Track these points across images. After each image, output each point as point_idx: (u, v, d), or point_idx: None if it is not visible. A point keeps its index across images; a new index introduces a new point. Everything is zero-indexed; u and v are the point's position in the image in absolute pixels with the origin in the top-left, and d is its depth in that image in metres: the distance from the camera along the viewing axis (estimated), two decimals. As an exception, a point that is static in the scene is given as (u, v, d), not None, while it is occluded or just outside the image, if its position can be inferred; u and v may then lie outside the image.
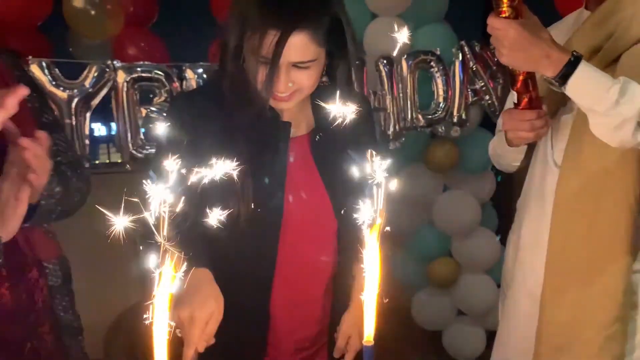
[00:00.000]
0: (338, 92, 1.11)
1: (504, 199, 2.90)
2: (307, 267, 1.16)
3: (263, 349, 1.16)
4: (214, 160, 1.04)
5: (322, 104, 1.14)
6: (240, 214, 1.04)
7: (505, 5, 1.06)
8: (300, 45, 0.97)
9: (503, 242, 2.70)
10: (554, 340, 1.29)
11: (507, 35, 1.07)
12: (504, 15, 1.07)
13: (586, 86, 1.10)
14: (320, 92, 1.10)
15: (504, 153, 1.42)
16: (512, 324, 1.45)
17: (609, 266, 1.23)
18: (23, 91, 0.81)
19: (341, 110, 1.13)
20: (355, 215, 1.13)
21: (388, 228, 0.83)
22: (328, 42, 1.01)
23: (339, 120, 1.11)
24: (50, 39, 2.34)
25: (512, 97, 1.23)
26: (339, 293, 1.20)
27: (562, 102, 1.31)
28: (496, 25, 1.08)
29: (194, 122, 1.05)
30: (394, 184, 0.83)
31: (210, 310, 0.98)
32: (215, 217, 1.02)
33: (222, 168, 1.04)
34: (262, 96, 1.00)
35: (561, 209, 1.28)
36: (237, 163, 1.03)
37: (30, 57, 1.77)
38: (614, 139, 1.13)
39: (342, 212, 1.13)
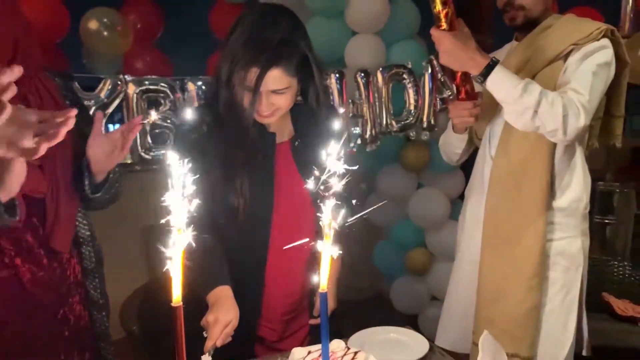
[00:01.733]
0: (310, 108, 1.43)
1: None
2: (292, 247, 1.45)
3: (258, 310, 1.45)
4: (218, 168, 1.35)
5: (299, 117, 1.47)
6: (240, 208, 1.35)
7: (442, 20, 1.43)
8: (276, 77, 1.27)
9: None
10: (490, 293, 1.63)
11: (443, 43, 1.43)
12: (442, 28, 1.44)
13: (500, 82, 1.44)
14: (297, 108, 1.42)
15: (449, 140, 1.82)
16: (458, 286, 1.78)
17: (529, 233, 1.59)
18: (74, 112, 0.90)
19: (313, 121, 1.44)
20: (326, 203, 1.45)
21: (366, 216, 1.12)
22: (298, 73, 1.32)
23: (312, 129, 1.42)
24: (67, 53, 2.62)
25: (453, 90, 1.58)
26: (318, 266, 1.51)
27: (496, 111, 1.67)
28: (435, 35, 1.45)
29: (200, 137, 1.35)
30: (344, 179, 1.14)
31: (230, 317, 1.29)
32: (222, 210, 1.34)
33: (225, 172, 1.35)
34: (247, 116, 1.31)
35: (493, 189, 1.66)
36: (236, 168, 1.34)
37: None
38: (518, 122, 1.49)
39: (318, 201, 1.44)
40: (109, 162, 1.30)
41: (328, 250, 1.08)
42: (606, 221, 3.22)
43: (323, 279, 1.09)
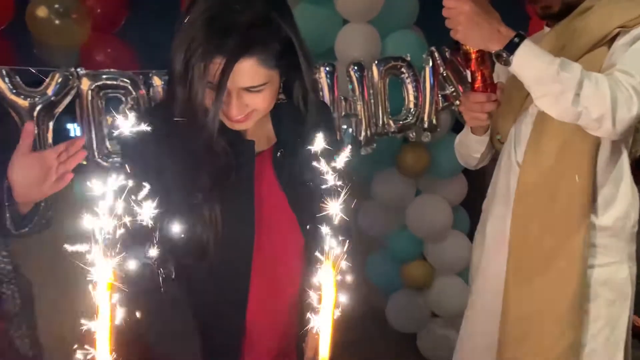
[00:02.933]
0: (295, 108, 1.12)
1: (475, 202, 2.94)
2: (277, 283, 1.16)
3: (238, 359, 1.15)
4: (179, 192, 1.04)
5: (282, 120, 1.15)
6: (210, 243, 1.03)
7: None
8: (248, 71, 0.95)
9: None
10: (517, 330, 1.37)
11: (462, 11, 1.15)
12: None
13: (530, 59, 1.18)
14: (279, 108, 1.10)
15: (466, 142, 1.54)
16: (476, 318, 1.51)
17: (565, 257, 1.34)
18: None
19: (300, 125, 1.14)
20: (320, 230, 1.14)
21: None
22: (280, 64, 0.99)
23: (299, 136, 1.12)
24: (15, 42, 2.28)
25: (468, 77, 1.31)
26: (306, 305, 1.21)
27: (522, 108, 1.41)
28: (451, 4, 1.16)
29: (150, 150, 1.03)
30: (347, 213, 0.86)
31: None
32: (184, 246, 1.03)
33: (188, 197, 1.04)
34: (210, 121, 0.98)
35: (521, 203, 1.39)
36: (202, 191, 1.03)
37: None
38: (555, 108, 1.22)
39: (308, 227, 1.13)
40: (37, 192, 1.05)
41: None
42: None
43: (324, 349, 0.80)
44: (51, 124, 1.78)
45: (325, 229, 1.16)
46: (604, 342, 1.33)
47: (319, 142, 1.21)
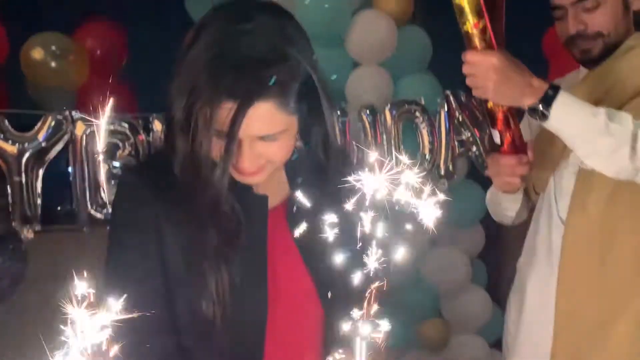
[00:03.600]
0: (313, 156, 0.98)
1: (492, 254, 2.78)
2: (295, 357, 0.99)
3: None
4: (180, 259, 0.89)
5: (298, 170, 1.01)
6: (217, 319, 0.86)
7: (477, 39, 1.05)
8: (264, 117, 0.81)
9: (493, 299, 2.58)
10: None
11: (490, 65, 1.05)
12: (476, 46, 1.06)
13: (571, 111, 1.09)
14: (294, 156, 0.95)
15: (497, 200, 1.40)
16: None
17: (623, 328, 1.20)
18: None
19: (319, 175, 0.99)
20: (342, 300, 0.97)
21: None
22: (299, 107, 0.85)
23: (318, 189, 0.97)
24: (9, 83, 2.17)
25: (495, 137, 1.19)
26: None
27: (562, 156, 1.29)
28: (475, 58, 1.06)
29: (148, 208, 0.88)
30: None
31: None
32: (186, 325, 0.87)
33: (190, 265, 0.88)
34: (218, 177, 0.83)
35: (568, 265, 1.26)
36: (208, 257, 0.87)
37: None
38: (609, 167, 1.12)
39: (328, 296, 0.97)
40: None
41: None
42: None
43: None
44: (41, 172, 1.63)
45: (348, 301, 1.02)
46: None
47: (343, 196, 1.07)
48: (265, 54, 0.80)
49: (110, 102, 1.83)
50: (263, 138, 0.84)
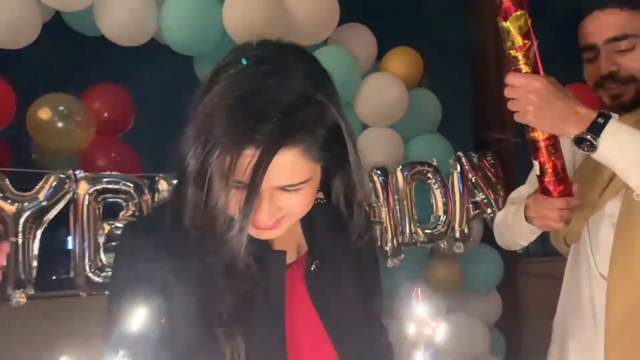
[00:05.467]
0: (334, 209, 0.90)
1: (508, 322, 2.63)
2: None
3: None
4: (192, 322, 0.79)
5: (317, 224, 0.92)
6: None
7: (522, 61, 0.99)
8: (288, 165, 0.74)
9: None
10: None
11: (533, 89, 0.98)
12: (520, 68, 1.00)
13: (623, 139, 0.99)
14: (313, 209, 0.87)
15: (516, 227, 1.24)
16: None
17: None
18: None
19: (339, 231, 0.91)
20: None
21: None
22: (324, 155, 0.77)
23: (338, 246, 0.89)
24: (13, 144, 2.13)
25: (535, 170, 1.07)
26: None
27: (597, 207, 1.19)
28: (518, 81, 0.99)
29: (154, 267, 0.79)
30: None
31: None
32: None
33: (204, 329, 0.78)
34: (236, 234, 0.75)
35: (615, 326, 1.13)
36: (223, 321, 0.78)
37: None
38: None
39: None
40: None
41: None
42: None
43: None
44: (39, 233, 1.55)
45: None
46: None
47: (365, 255, 0.99)
48: (291, 97, 0.73)
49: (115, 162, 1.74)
50: (284, 188, 0.76)
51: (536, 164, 1.06)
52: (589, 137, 0.98)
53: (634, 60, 1.14)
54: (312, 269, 0.89)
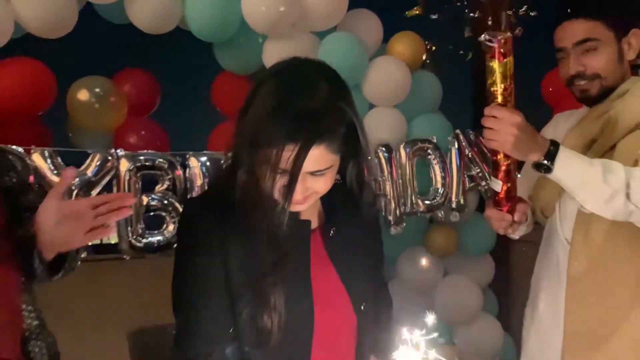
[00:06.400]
0: (346, 188, 1.13)
1: (501, 284, 2.88)
2: None
3: None
4: (239, 275, 1.03)
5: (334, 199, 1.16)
6: (273, 326, 1.00)
7: (501, 100, 1.17)
8: (317, 157, 0.97)
9: (504, 328, 2.65)
10: None
11: (515, 123, 1.15)
12: (502, 104, 1.17)
13: (572, 163, 1.20)
14: (331, 187, 1.10)
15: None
16: None
17: (626, 340, 1.31)
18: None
19: (352, 205, 1.14)
20: (372, 312, 1.11)
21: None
22: (343, 148, 1.01)
23: (351, 215, 1.12)
24: (50, 125, 2.33)
25: (495, 186, 1.29)
26: None
27: None
28: (502, 114, 1.16)
29: (213, 231, 1.03)
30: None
31: None
32: (247, 332, 1.00)
33: (251, 282, 1.02)
34: (281, 208, 0.99)
35: (575, 282, 1.37)
36: (266, 275, 1.02)
37: (33, 146, 1.76)
38: (607, 211, 1.23)
39: (362, 307, 1.11)
40: (60, 243, 0.99)
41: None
42: None
43: None
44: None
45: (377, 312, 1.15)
46: None
47: (372, 223, 1.22)
48: (320, 104, 0.97)
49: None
50: (313, 174, 1.00)
51: (497, 182, 1.27)
52: (546, 162, 1.18)
53: (596, 60, 1.35)
54: (330, 234, 1.13)
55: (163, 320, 1.76)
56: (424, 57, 2.49)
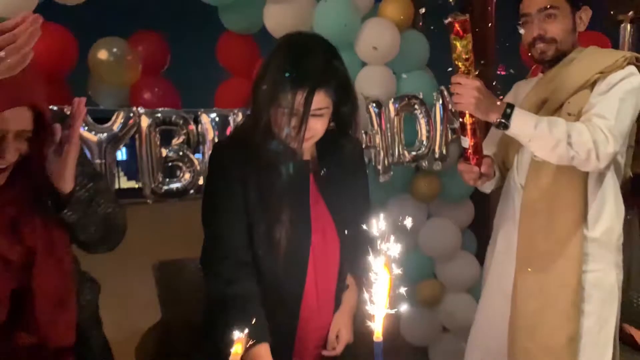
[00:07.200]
0: (336, 136, 1.41)
1: (481, 225, 3.17)
2: (324, 277, 1.45)
3: (292, 346, 1.42)
4: (256, 197, 1.32)
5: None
6: (281, 237, 1.32)
7: (464, 70, 1.45)
8: (318, 98, 1.28)
9: (481, 263, 2.96)
10: (526, 324, 1.60)
11: (475, 87, 1.43)
12: (465, 73, 1.45)
13: (524, 122, 1.47)
14: (325, 133, 1.40)
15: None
16: (487, 317, 1.75)
17: (565, 263, 1.60)
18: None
19: (340, 148, 1.43)
20: (351, 237, 1.43)
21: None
22: (335, 96, 1.32)
23: (338, 155, 1.41)
24: (71, 85, 2.56)
25: (463, 143, 1.58)
26: (337, 299, 1.48)
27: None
28: (464, 81, 1.44)
29: (235, 167, 1.34)
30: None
31: None
32: (260, 241, 1.31)
33: (266, 202, 1.32)
34: (295, 142, 1.30)
35: (526, 219, 1.67)
36: (278, 197, 1.31)
37: (66, 105, 2.00)
38: (553, 157, 1.51)
39: (345, 232, 1.42)
40: (60, 161, 1.08)
41: (383, 296, 1.05)
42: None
43: (378, 326, 1.05)
44: (115, 156, 2.05)
45: (358, 237, 1.44)
46: (596, 336, 1.58)
47: (357, 164, 1.51)
48: (322, 61, 1.29)
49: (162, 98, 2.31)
50: (314, 114, 1.29)
51: (465, 139, 1.56)
52: (503, 121, 1.43)
53: (555, 26, 1.59)
54: (322, 173, 1.42)
55: (181, 255, 2.07)
56: (412, 18, 2.67)
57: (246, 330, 1.20)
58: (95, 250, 1.27)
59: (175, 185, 2.13)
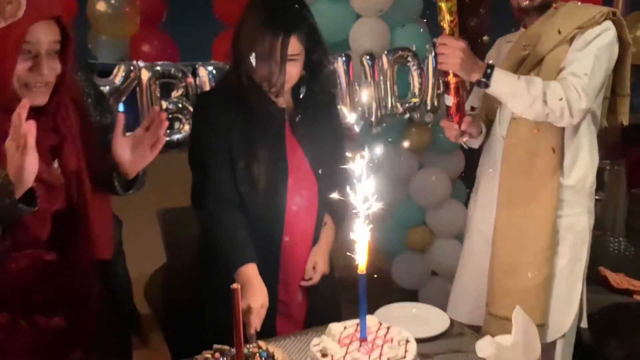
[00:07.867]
0: (311, 79, 1.52)
1: (470, 175, 3.27)
2: (302, 215, 1.57)
3: (276, 279, 1.55)
4: (238, 138, 1.44)
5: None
6: (261, 175, 1.46)
7: (448, 31, 1.53)
8: (292, 44, 1.40)
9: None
10: (505, 266, 1.73)
11: (460, 48, 1.51)
12: (450, 34, 1.52)
13: (503, 81, 1.55)
14: (296, 85, 1.53)
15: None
16: (470, 260, 1.89)
17: (542, 208, 1.70)
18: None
19: (313, 93, 1.53)
20: (326, 176, 1.56)
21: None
22: (306, 43, 1.45)
23: (311, 102, 1.51)
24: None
25: (447, 101, 1.67)
26: (316, 236, 1.62)
27: None
28: (450, 42, 1.52)
29: (220, 115, 1.46)
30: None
31: (260, 302, 1.41)
32: (242, 178, 1.43)
33: (247, 143, 1.44)
34: (276, 83, 1.41)
35: (506, 167, 1.77)
36: (257, 139, 1.43)
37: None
38: (530, 113, 1.60)
39: (320, 172, 1.55)
40: (138, 163, 1.28)
41: (363, 231, 1.17)
42: (597, 198, 3.36)
43: (362, 260, 1.17)
44: (118, 108, 2.13)
45: (332, 177, 1.55)
46: (567, 275, 1.71)
47: (329, 107, 1.61)
48: (295, 12, 1.41)
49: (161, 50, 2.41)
50: (290, 58, 1.41)
51: (449, 97, 1.65)
52: (484, 80, 1.51)
53: None
54: (296, 120, 1.53)
55: (183, 203, 2.17)
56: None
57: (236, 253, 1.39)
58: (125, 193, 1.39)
59: (176, 137, 2.22)
